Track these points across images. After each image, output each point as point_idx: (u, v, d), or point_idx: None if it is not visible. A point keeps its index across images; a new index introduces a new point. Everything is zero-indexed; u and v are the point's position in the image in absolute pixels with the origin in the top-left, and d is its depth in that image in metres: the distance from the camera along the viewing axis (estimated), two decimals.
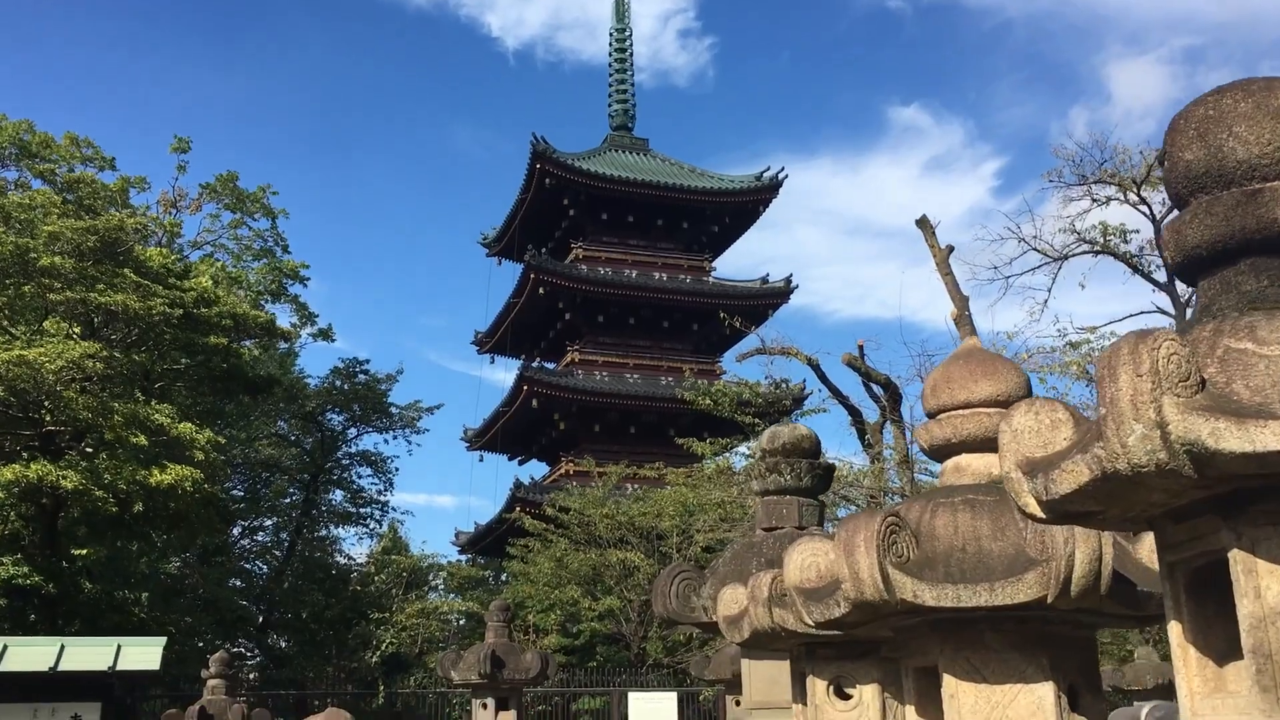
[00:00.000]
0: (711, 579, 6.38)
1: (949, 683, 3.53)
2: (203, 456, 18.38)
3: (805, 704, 4.92)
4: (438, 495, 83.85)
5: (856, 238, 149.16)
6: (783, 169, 50.54)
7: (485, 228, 55.85)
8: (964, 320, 20.34)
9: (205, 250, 35.11)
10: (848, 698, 4.66)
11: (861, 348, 22.71)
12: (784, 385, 23.24)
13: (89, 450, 18.84)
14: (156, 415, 18.08)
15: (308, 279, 36.70)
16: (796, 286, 48.62)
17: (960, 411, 3.97)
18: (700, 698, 26.20)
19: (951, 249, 21.12)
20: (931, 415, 4.09)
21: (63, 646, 14.15)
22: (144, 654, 13.30)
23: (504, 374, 55.08)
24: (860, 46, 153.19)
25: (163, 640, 14.54)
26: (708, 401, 25.16)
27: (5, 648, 13.95)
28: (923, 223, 21.26)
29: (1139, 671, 17.23)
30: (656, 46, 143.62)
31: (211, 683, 14.69)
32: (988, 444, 3.82)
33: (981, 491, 3.69)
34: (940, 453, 4.06)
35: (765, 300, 48.61)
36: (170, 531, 20.56)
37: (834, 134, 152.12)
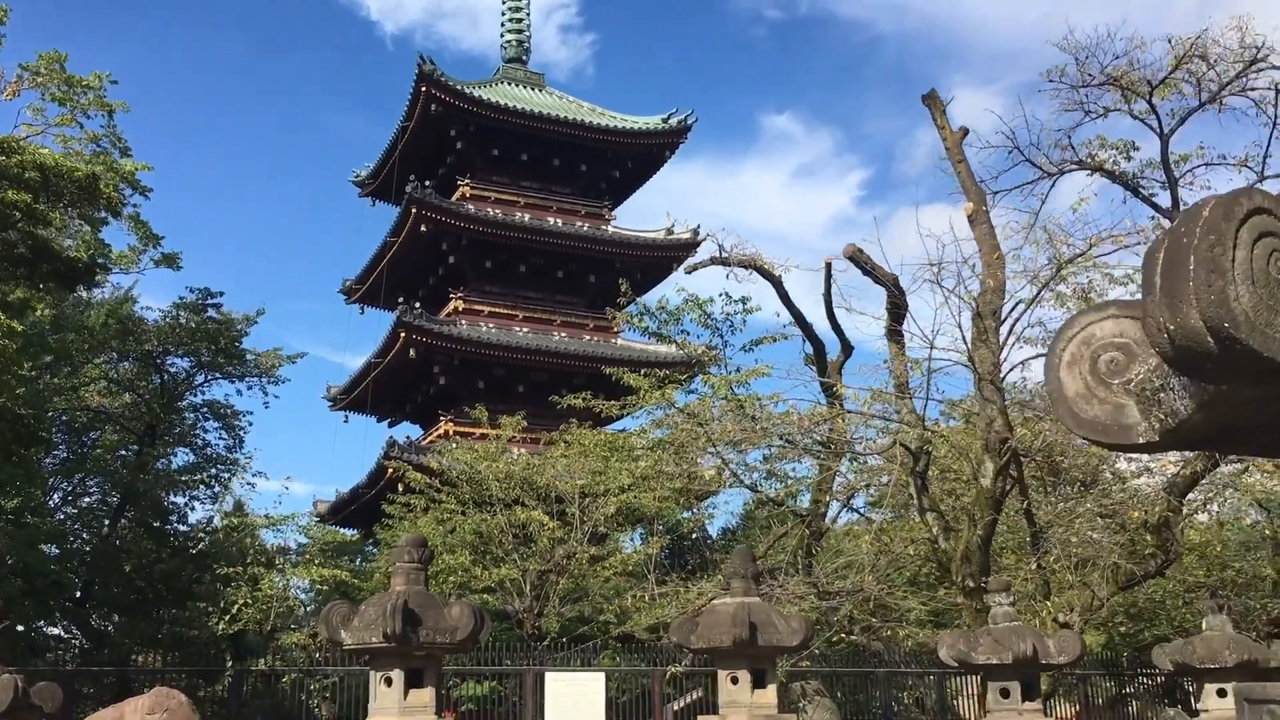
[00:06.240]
0: None
1: None
2: None
3: None
4: (296, 480, 77.14)
5: (728, 240, 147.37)
6: (691, 112, 46.57)
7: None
8: (980, 216, 16.53)
9: None
10: None
11: (829, 264, 18.77)
12: (744, 302, 19.14)
13: None
14: None
15: (149, 189, 30.88)
16: (705, 239, 44.39)
17: None
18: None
19: (966, 131, 17.26)
20: None
21: None
22: None
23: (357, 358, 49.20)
24: (739, 52, 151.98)
25: None
26: (645, 324, 20.81)
27: None
28: (931, 99, 17.35)
29: (1213, 646, 13.66)
30: (538, 40, 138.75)
31: None
32: None
33: None
34: None
35: (670, 252, 44.49)
36: None
37: (710, 137, 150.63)
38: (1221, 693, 13.33)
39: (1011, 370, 17.15)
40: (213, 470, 37.16)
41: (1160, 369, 2.42)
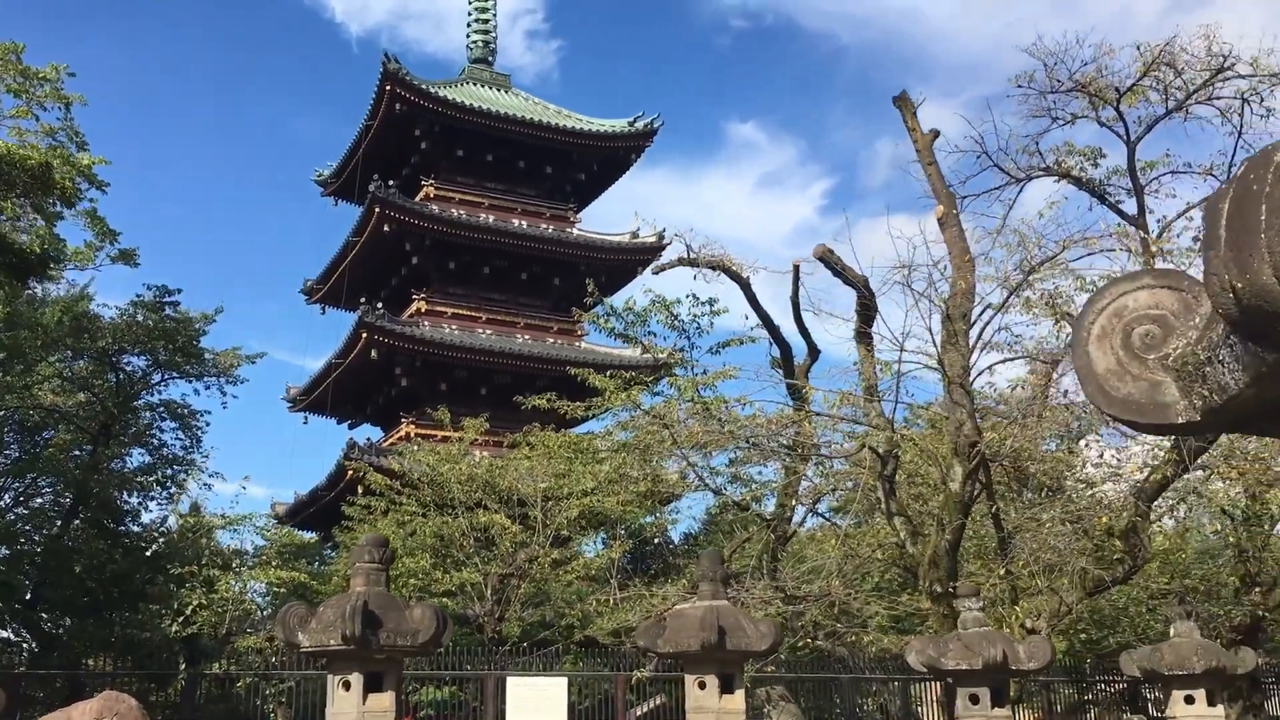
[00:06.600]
0: None
1: None
2: None
3: None
4: (254, 482, 75.95)
5: (695, 242, 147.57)
6: (658, 115, 46.42)
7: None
8: (950, 219, 16.45)
9: None
10: None
11: (797, 266, 18.63)
12: (712, 304, 18.91)
13: None
14: None
15: (106, 184, 30.24)
16: (670, 243, 44.23)
17: None
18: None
19: (936, 134, 17.17)
20: None
21: None
22: None
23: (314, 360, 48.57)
24: (704, 61, 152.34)
25: None
26: (611, 325, 20.55)
27: None
28: (902, 100, 17.25)
29: (1181, 652, 13.61)
30: (504, 44, 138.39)
31: None
32: None
33: None
34: None
35: (636, 256, 44.29)
36: None
37: (675, 145, 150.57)
38: (1189, 699, 13.28)
39: (979, 375, 17.07)
40: (169, 471, 36.45)
41: (1207, 341, 2.22)
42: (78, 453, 34.65)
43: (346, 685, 9.19)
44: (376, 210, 41.01)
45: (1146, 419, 2.37)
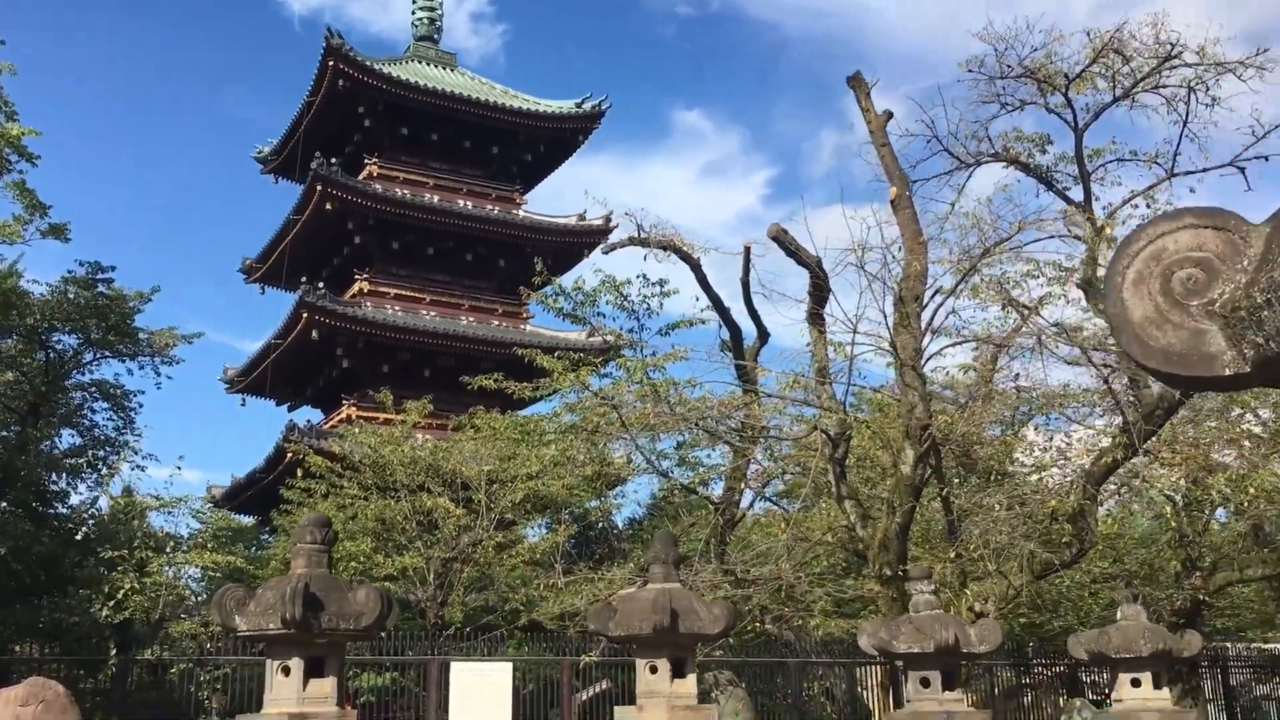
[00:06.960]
0: None
1: None
2: None
3: None
4: (190, 466, 73.97)
5: (646, 222, 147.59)
6: (605, 97, 46.00)
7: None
8: (903, 201, 16.34)
9: None
10: None
11: (748, 249, 18.46)
12: (662, 285, 18.65)
13: None
14: None
15: (37, 156, 29.28)
16: (616, 225, 43.88)
17: None
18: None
19: (890, 115, 17.02)
20: None
21: None
22: None
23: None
24: (650, 48, 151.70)
25: None
26: (559, 304, 20.21)
27: None
28: (856, 81, 17.08)
29: (1128, 635, 13.64)
30: (449, 25, 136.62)
31: None
32: None
33: None
34: None
35: (582, 239, 43.92)
36: None
37: (620, 131, 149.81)
38: (1136, 682, 13.30)
39: (930, 360, 17.03)
40: (100, 452, 35.49)
41: (1266, 281, 2.01)
42: (5, 433, 33.63)
43: (286, 670, 8.84)
44: (318, 188, 40.21)
45: (1189, 371, 2.15)
